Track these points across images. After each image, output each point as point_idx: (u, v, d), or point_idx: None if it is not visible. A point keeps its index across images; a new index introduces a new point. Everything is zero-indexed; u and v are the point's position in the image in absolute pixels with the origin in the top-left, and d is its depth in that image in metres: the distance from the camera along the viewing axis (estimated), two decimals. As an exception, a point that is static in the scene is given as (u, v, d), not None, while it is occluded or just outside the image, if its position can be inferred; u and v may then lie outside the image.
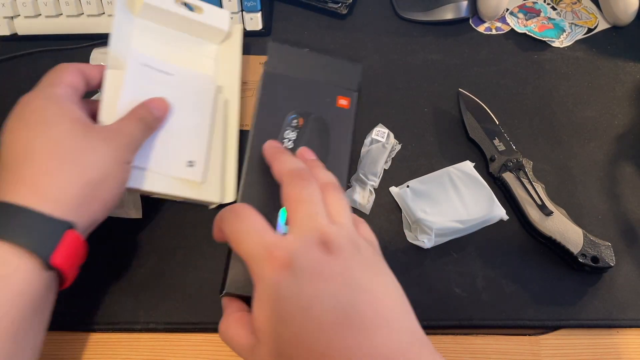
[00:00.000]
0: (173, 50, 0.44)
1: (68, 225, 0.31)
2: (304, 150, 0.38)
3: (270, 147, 0.37)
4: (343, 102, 0.41)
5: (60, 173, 0.32)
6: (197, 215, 0.43)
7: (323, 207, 0.31)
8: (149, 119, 0.38)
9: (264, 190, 0.37)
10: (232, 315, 0.31)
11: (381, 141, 0.46)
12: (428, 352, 0.26)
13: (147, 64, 0.41)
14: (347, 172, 0.40)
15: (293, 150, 0.39)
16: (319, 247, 0.28)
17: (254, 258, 0.28)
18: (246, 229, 0.30)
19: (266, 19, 0.55)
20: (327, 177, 0.34)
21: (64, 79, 0.37)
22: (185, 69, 0.43)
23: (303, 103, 0.41)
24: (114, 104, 0.38)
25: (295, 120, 0.40)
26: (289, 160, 0.34)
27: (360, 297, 0.27)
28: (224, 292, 0.34)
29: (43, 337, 0.32)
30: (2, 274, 0.29)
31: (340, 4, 0.56)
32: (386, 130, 0.47)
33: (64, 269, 0.31)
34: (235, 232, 0.30)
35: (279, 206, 0.34)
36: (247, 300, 0.33)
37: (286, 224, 0.34)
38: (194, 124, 0.42)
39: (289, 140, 0.39)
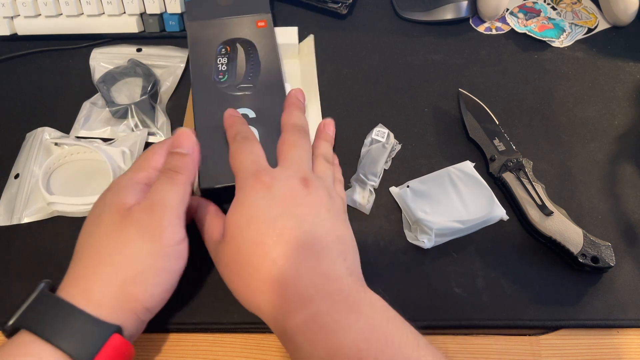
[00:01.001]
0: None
1: (113, 329, 0.30)
2: (327, 122, 0.44)
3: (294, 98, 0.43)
4: (261, 23, 0.49)
5: (98, 273, 0.31)
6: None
7: (311, 160, 0.37)
8: (176, 163, 0.35)
9: (215, 124, 0.42)
10: (210, 208, 0.36)
11: (381, 141, 0.46)
12: (362, 286, 0.31)
13: None
14: (282, 77, 0.45)
15: (228, 71, 0.45)
16: (299, 181, 0.34)
17: (244, 171, 0.34)
18: (249, 149, 0.36)
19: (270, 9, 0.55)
20: (325, 148, 0.40)
21: (151, 162, 0.36)
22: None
23: (228, 35, 0.48)
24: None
25: (223, 50, 0.47)
26: (299, 116, 0.40)
27: (320, 228, 0.32)
28: (201, 188, 0.38)
29: None
30: None
31: (340, 4, 0.56)
32: (386, 130, 0.47)
33: None
34: (239, 147, 0.36)
35: (224, 145, 0.39)
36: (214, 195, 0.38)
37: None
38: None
39: (223, 65, 0.46)
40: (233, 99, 0.44)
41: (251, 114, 0.42)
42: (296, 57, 0.53)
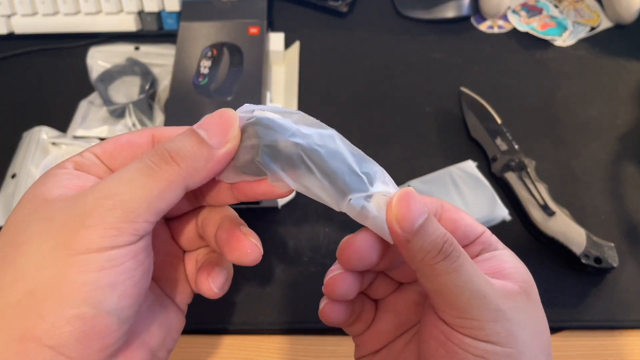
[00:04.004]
0: None
1: None
2: None
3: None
4: (253, 30, 0.48)
5: None
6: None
7: None
8: (182, 149, 0.20)
9: (183, 120, 0.42)
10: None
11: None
12: None
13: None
14: (261, 85, 0.45)
15: (210, 74, 0.45)
16: None
17: None
18: None
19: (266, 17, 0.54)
20: None
21: (95, 147, 0.22)
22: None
23: (217, 39, 0.48)
24: None
25: (209, 53, 0.46)
26: None
27: None
28: None
29: None
30: None
31: (340, 2, 0.56)
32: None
33: None
34: None
35: None
36: None
37: None
38: None
39: (205, 68, 0.46)
40: (206, 103, 0.43)
41: None
42: (282, 63, 0.53)
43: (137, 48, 0.54)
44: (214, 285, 0.24)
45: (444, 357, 0.20)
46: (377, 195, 0.21)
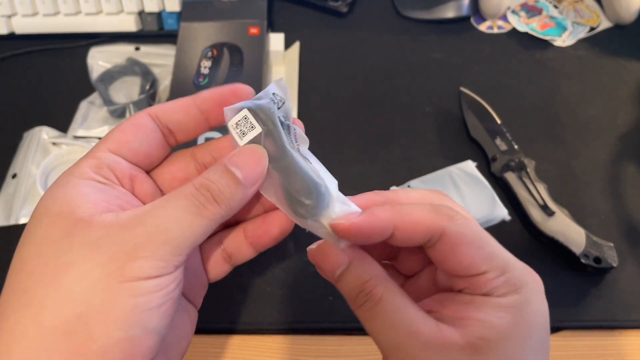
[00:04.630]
0: None
1: None
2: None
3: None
4: (254, 30, 0.48)
5: (22, 319, 0.19)
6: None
7: None
8: (222, 190, 0.22)
9: None
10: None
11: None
12: None
13: None
14: (261, 86, 0.44)
15: (210, 74, 0.45)
16: None
17: None
18: None
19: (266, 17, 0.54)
20: None
21: (106, 143, 0.23)
22: None
23: (218, 39, 0.48)
24: None
25: (209, 53, 0.46)
26: None
27: None
28: None
29: None
30: None
31: (340, 2, 0.56)
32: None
33: None
34: None
35: None
36: None
37: None
38: None
39: (206, 68, 0.46)
40: None
41: None
42: (282, 63, 0.53)
43: (137, 48, 0.54)
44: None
45: None
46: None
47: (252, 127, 0.22)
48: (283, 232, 0.25)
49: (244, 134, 0.22)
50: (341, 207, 0.22)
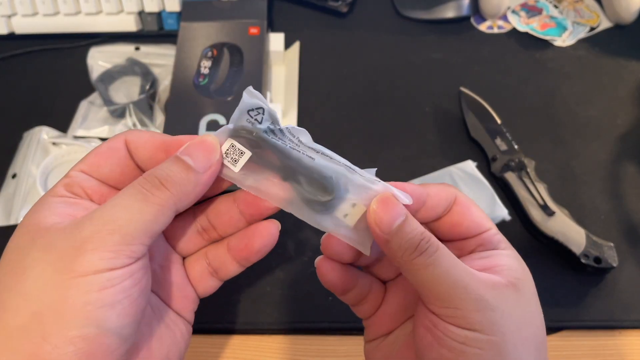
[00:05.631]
0: None
1: None
2: None
3: None
4: (254, 30, 0.48)
5: None
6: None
7: None
8: (170, 175, 0.22)
9: (183, 126, 0.43)
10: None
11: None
12: None
13: None
14: (261, 86, 0.45)
15: (210, 74, 0.45)
16: None
17: None
18: None
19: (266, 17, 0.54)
20: None
21: (80, 164, 0.23)
22: None
23: (218, 39, 0.48)
24: None
25: (209, 53, 0.46)
26: None
27: None
28: None
29: None
30: None
31: (340, 2, 0.56)
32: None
33: None
34: None
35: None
36: None
37: None
38: None
39: (206, 68, 0.46)
40: (207, 103, 0.43)
41: (222, 120, 0.43)
42: (282, 63, 0.53)
43: (137, 48, 0.54)
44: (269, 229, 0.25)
45: (432, 343, 0.22)
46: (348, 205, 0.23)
47: (241, 153, 0.23)
48: (265, 245, 0.24)
49: (235, 161, 0.23)
50: (362, 191, 0.23)
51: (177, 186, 0.21)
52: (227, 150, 0.23)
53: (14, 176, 0.46)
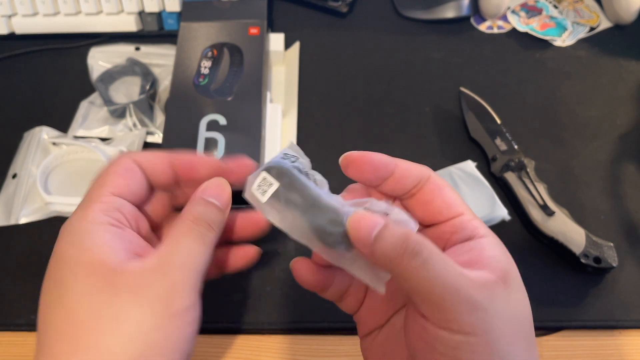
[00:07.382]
0: None
1: None
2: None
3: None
4: (254, 30, 0.48)
5: None
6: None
7: None
8: (211, 217, 0.25)
9: (183, 126, 0.42)
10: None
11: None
12: None
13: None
14: (261, 87, 0.44)
15: (210, 74, 0.45)
16: None
17: None
18: None
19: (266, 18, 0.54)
20: None
21: (107, 187, 0.25)
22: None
23: (218, 39, 0.48)
24: None
25: (209, 53, 0.46)
26: None
27: None
28: None
29: None
30: None
31: (340, 2, 0.56)
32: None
33: None
34: None
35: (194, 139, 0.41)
36: None
37: None
38: None
39: (205, 68, 0.45)
40: (207, 103, 0.43)
41: (222, 120, 0.42)
42: (282, 63, 0.53)
43: (137, 48, 0.54)
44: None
45: (424, 350, 0.22)
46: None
47: (270, 184, 0.24)
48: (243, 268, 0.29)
49: (264, 192, 0.24)
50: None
51: (219, 226, 0.25)
52: (260, 183, 0.24)
53: (14, 176, 0.46)
